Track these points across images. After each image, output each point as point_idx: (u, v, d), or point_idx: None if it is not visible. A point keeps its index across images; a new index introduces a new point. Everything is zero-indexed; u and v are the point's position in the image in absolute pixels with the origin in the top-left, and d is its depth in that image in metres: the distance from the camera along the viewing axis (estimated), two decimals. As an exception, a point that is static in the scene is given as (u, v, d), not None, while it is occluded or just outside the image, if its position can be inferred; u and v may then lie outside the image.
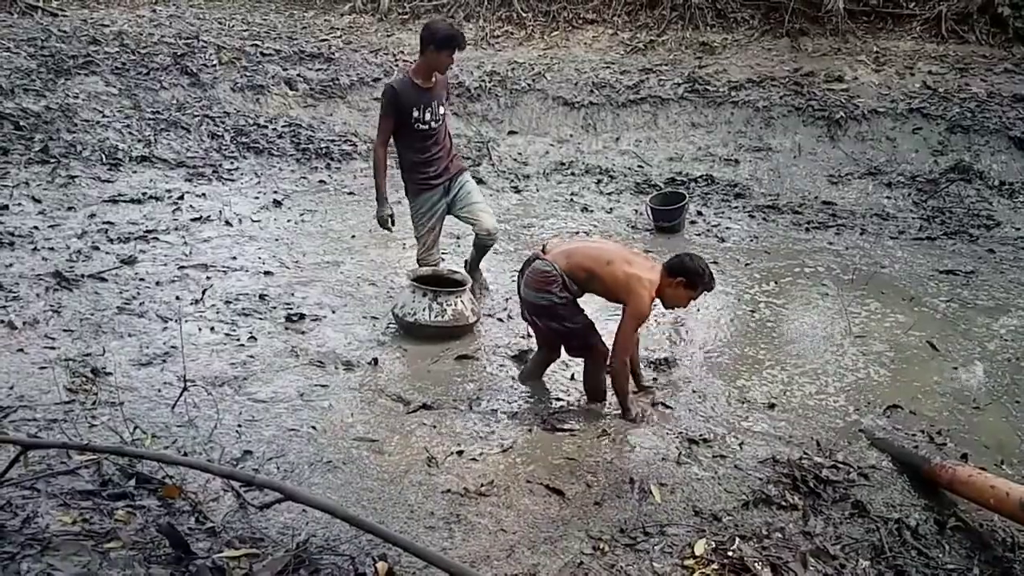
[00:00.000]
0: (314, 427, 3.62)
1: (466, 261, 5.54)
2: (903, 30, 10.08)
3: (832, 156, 8.88)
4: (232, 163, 8.15)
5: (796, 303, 5.84)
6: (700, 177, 8.82)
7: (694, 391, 4.39)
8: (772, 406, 4.23)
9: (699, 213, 7.82)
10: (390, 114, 4.86)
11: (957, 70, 9.41)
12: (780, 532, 3.10)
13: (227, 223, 6.50)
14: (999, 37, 9.67)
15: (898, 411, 4.27)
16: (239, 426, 3.54)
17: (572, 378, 4.43)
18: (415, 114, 4.88)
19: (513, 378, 4.42)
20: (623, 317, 3.86)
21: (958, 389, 4.60)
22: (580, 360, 4.27)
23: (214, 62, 9.90)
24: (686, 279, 3.83)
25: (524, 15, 11.35)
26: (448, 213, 5.24)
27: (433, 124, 4.96)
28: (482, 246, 5.34)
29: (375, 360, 4.45)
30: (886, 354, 4.99)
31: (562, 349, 4.28)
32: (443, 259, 5.46)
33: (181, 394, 3.67)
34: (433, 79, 4.92)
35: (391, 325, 4.93)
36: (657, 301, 3.93)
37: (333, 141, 9.15)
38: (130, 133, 8.21)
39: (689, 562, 2.86)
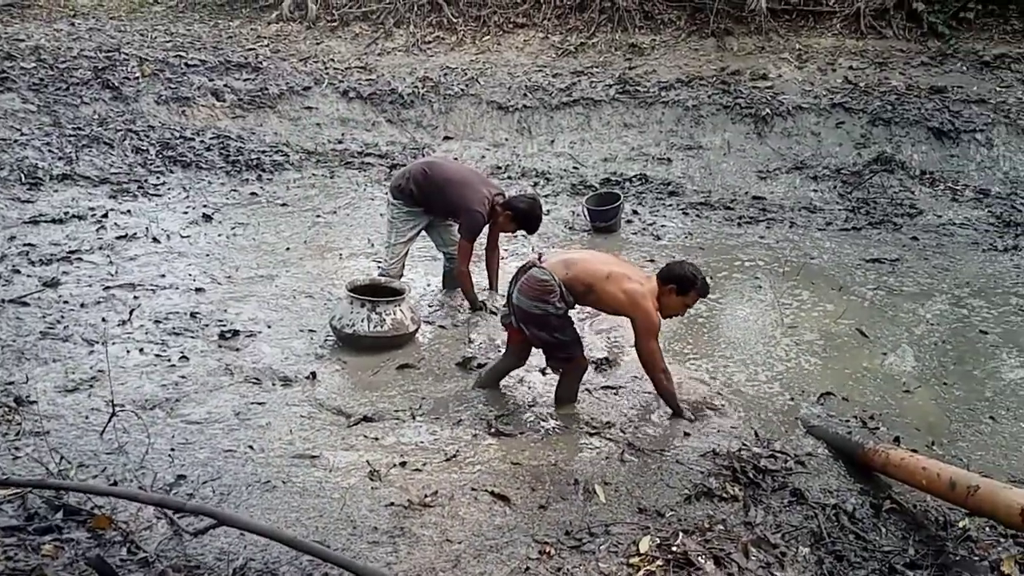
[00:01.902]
0: (251, 446, 3.54)
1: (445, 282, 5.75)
2: (824, 27, 10.39)
3: (760, 152, 9.09)
4: (158, 178, 7.93)
5: (730, 297, 5.95)
6: (634, 177, 8.93)
7: (634, 390, 4.42)
8: (710, 400, 4.29)
9: (634, 212, 7.91)
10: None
11: (876, 64, 9.74)
12: (722, 524, 3.14)
13: (155, 240, 6.32)
14: (915, 32, 10.05)
15: (831, 398, 4.38)
16: (172, 450, 3.43)
17: (521, 381, 4.43)
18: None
19: (459, 382, 4.39)
20: (637, 336, 3.87)
21: (888, 374, 4.74)
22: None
23: (136, 75, 9.62)
24: (677, 286, 3.88)
25: (455, 20, 11.33)
26: (427, 231, 5.49)
27: None
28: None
29: (313, 374, 4.38)
30: (818, 343, 5.11)
31: (528, 359, 4.31)
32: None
33: (110, 420, 3.54)
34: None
35: (329, 337, 4.85)
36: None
37: (264, 152, 8.99)
38: (50, 151, 7.91)
39: (634, 560, 2.88)
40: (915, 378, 4.71)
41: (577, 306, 4.06)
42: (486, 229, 5.27)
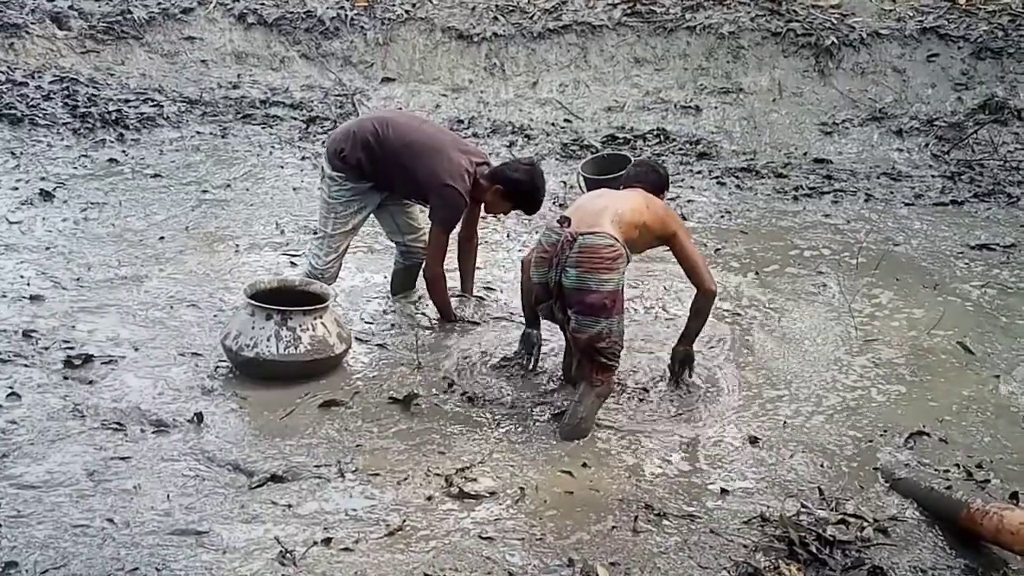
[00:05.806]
0: (111, 520, 3.51)
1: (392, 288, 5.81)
2: (908, -80, 10.49)
3: (823, 97, 9.17)
4: (-23, 139, 7.89)
5: (784, 300, 5.99)
6: (649, 132, 8.98)
7: (650, 428, 4.44)
8: (754, 441, 4.32)
9: (650, 182, 7.95)
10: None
11: (981, -26, 9.86)
12: (775, 619, 3.17)
13: (-28, 228, 6.29)
14: (1033, -74, 10.17)
15: (924, 439, 4.42)
16: (-1, 526, 3.41)
17: (497, 424, 4.44)
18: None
19: (405, 424, 4.39)
20: (686, 249, 4.64)
21: (1002, 405, 4.80)
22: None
23: (-57, -6, 9.57)
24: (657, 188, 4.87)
25: (395, -86, 11.32)
26: (375, 213, 5.49)
27: None
28: (414, 265, 5.62)
29: (199, 416, 4.36)
30: (903, 362, 5.16)
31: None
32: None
33: (-92, 485, 3.53)
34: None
35: (222, 363, 4.84)
36: None
37: (127, 101, 8.95)
38: None
39: (653, 672, 2.90)
40: (1039, 410, 4.78)
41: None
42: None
